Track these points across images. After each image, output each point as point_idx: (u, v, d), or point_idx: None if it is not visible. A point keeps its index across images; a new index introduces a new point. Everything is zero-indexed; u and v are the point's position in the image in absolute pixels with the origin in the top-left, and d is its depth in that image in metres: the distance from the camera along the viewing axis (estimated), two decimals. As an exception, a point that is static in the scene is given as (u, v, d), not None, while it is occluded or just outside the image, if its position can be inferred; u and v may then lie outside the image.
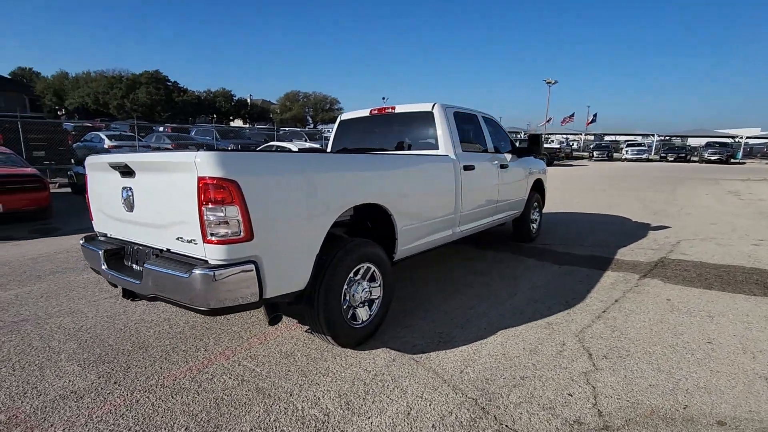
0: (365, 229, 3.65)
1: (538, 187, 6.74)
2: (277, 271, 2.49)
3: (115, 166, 2.71)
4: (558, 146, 35.61)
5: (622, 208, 9.89)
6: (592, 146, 42.03)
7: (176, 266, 2.35)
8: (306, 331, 3.39)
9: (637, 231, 7.38)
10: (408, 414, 2.37)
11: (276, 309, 2.72)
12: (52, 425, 2.29)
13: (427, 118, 4.48)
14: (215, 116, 79.95)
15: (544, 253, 5.88)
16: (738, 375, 2.72)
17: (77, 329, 3.50)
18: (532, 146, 5.80)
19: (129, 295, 2.82)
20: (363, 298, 3.17)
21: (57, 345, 3.24)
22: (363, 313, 3.20)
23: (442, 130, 4.38)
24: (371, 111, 5.02)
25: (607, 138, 57.46)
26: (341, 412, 2.39)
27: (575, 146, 47.21)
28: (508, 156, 5.55)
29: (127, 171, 2.66)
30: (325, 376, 2.77)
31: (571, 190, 13.64)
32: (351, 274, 3.06)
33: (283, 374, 2.79)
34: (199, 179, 2.19)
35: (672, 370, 2.78)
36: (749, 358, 2.93)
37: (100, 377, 2.77)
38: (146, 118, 50.09)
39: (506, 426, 2.26)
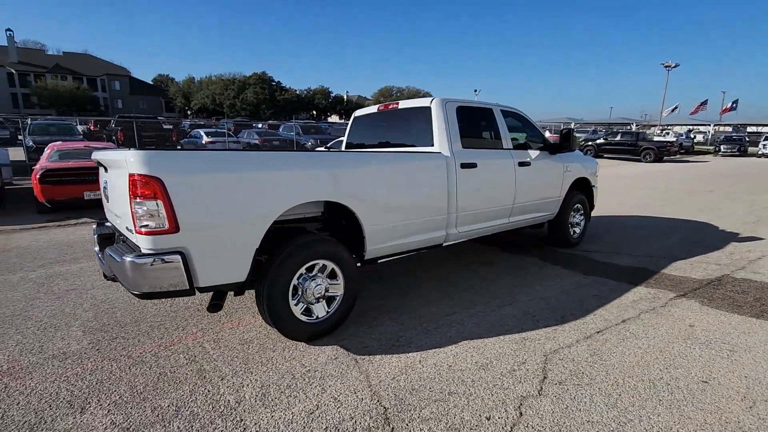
0: (341, 226, 3.68)
1: (582, 187, 6.07)
2: (208, 263, 2.67)
3: (98, 163, 3.13)
4: (672, 139, 31.04)
5: (715, 214, 8.41)
6: (720, 139, 35.85)
7: (118, 252, 2.66)
8: (273, 322, 3.56)
9: (714, 241, 6.24)
10: (311, 413, 2.38)
11: (221, 296, 2.91)
12: (31, 378, 2.76)
13: (425, 113, 4.32)
14: (314, 113, 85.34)
15: (577, 261, 5.30)
16: (713, 426, 2.21)
17: (102, 300, 4.10)
18: (563, 142, 5.23)
19: (106, 275, 3.24)
20: (319, 294, 3.22)
21: (80, 312, 3.84)
22: (319, 309, 3.26)
23: (437, 127, 4.19)
24: (379, 107, 4.99)
25: (750, 129, 48.56)
26: (252, 402, 2.50)
27: (701, 139, 40.72)
28: (534, 152, 5.09)
29: (103, 167, 3.05)
30: (263, 365, 2.89)
31: (663, 191, 11.93)
32: (303, 270, 3.13)
33: (228, 359, 2.98)
34: (130, 176, 2.45)
35: (629, 409, 2.36)
36: (745, 406, 2.36)
37: (90, 344, 3.24)
38: (252, 116, 55.42)
39: (398, 440, 2.16)
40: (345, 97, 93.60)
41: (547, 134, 25.34)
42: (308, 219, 3.49)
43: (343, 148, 5.49)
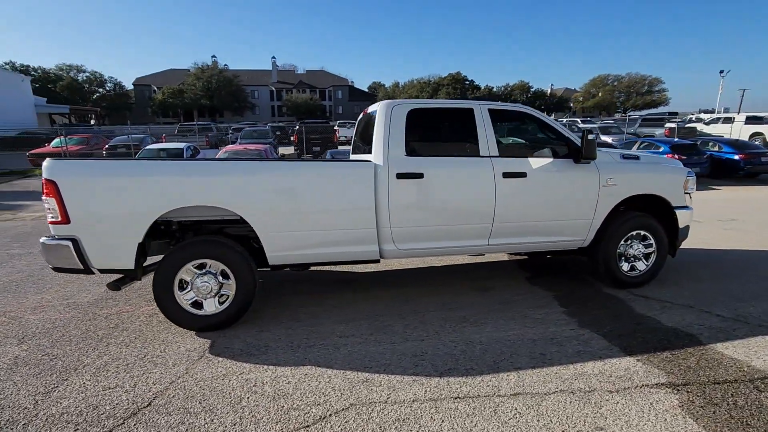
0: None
1: (653, 208, 4.42)
2: (97, 250, 3.31)
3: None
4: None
5: None
6: None
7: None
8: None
9: None
10: (106, 389, 2.74)
11: (123, 280, 3.55)
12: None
13: (373, 119, 4.01)
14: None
15: (601, 307, 3.96)
16: None
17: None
18: (584, 146, 3.92)
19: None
20: (207, 292, 3.52)
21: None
22: (210, 305, 3.55)
23: (376, 133, 3.85)
24: (363, 111, 4.82)
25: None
26: (89, 368, 3.02)
27: None
28: (541, 161, 4.04)
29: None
30: (128, 344, 3.38)
31: None
32: (191, 266, 3.48)
33: (102, 331, 3.58)
34: (42, 178, 3.27)
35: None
36: None
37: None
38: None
39: None
40: (549, 90, 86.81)
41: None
42: (222, 221, 3.77)
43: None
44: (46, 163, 3.24)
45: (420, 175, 3.77)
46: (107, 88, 63.81)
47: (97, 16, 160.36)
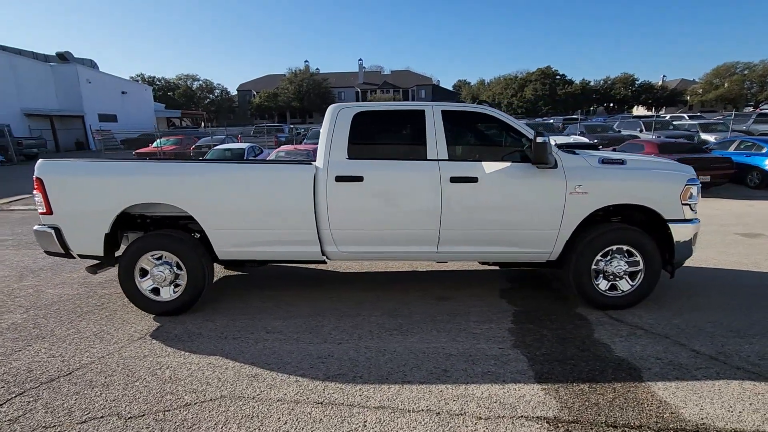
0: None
1: (642, 219, 3.87)
2: (74, 238, 3.87)
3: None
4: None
5: None
6: None
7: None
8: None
9: None
10: (51, 356, 3.23)
11: (100, 264, 4.08)
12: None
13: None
14: (611, 105, 75.00)
15: (552, 330, 3.58)
16: None
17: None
18: (533, 150, 3.54)
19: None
20: (163, 280, 3.91)
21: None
22: (166, 292, 3.95)
23: (322, 135, 3.91)
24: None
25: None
26: (39, 336, 3.56)
27: None
28: (496, 165, 3.77)
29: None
30: (91, 317, 3.89)
31: None
32: (149, 257, 3.90)
33: (87, 308, 4.13)
34: (34, 176, 3.91)
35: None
36: None
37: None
38: (527, 113, 54.54)
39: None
40: (660, 82, 77.50)
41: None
42: (181, 217, 4.12)
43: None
44: (38, 163, 3.88)
45: (360, 179, 3.76)
46: (215, 94, 71.54)
47: (211, 31, 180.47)
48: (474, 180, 3.75)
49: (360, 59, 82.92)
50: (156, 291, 3.96)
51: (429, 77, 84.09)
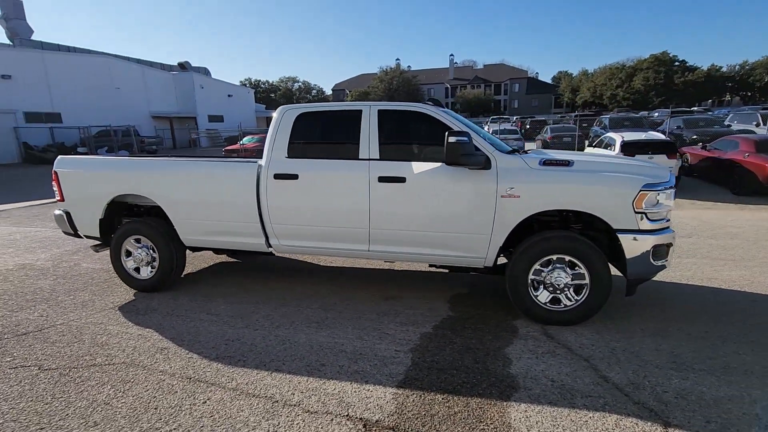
0: None
1: (593, 226, 3.48)
2: (79, 221, 4.69)
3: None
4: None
5: None
6: None
7: None
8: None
9: None
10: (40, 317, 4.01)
11: (101, 245, 4.87)
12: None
13: None
14: (748, 94, 63.51)
15: (461, 339, 3.41)
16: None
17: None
18: (445, 150, 3.37)
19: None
20: (141, 260, 4.55)
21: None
22: (144, 271, 4.59)
23: (268, 134, 4.17)
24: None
25: None
26: (43, 299, 4.37)
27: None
28: (425, 165, 3.68)
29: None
30: (91, 288, 4.65)
31: None
32: (132, 240, 4.56)
33: (94, 281, 4.91)
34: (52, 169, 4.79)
35: None
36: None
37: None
38: (635, 105, 48.72)
39: None
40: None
41: None
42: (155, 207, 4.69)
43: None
44: (56, 159, 4.77)
45: (295, 177, 3.96)
46: (312, 94, 76.51)
47: (312, 35, 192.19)
48: (402, 180, 3.71)
49: (451, 55, 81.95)
50: (138, 270, 4.61)
51: (524, 70, 79.83)
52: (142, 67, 35.64)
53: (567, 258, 3.46)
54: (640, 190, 3.28)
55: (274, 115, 4.22)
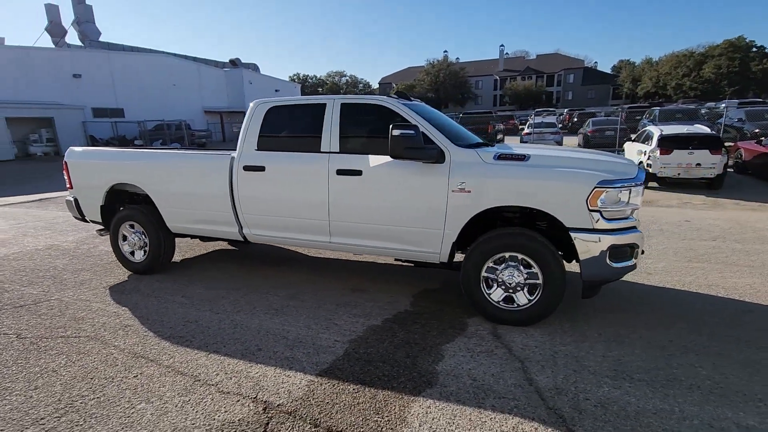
0: None
1: (550, 223, 3.33)
2: (84, 207, 5.14)
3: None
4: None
5: None
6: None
7: None
8: (160, 259, 5.50)
9: None
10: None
11: (104, 230, 5.30)
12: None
13: None
14: None
15: (403, 334, 3.39)
16: None
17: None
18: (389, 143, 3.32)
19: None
20: (135, 244, 4.92)
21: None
22: (138, 255, 4.96)
23: (241, 128, 4.32)
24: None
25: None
26: (52, 277, 4.85)
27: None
28: (378, 158, 3.68)
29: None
30: (96, 269, 5.08)
31: None
32: (127, 225, 4.94)
33: (102, 262, 5.35)
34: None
35: None
36: None
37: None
38: (704, 95, 44.68)
39: None
40: None
41: None
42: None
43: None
44: (67, 150, 5.24)
45: (262, 168, 4.09)
46: (359, 88, 77.18)
47: (361, 29, 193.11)
48: (358, 173, 3.73)
49: (501, 45, 79.26)
50: (132, 253, 4.99)
51: (581, 59, 75.56)
52: (198, 64, 37.75)
53: (520, 256, 3.33)
54: (595, 187, 3.07)
55: (249, 108, 4.37)
